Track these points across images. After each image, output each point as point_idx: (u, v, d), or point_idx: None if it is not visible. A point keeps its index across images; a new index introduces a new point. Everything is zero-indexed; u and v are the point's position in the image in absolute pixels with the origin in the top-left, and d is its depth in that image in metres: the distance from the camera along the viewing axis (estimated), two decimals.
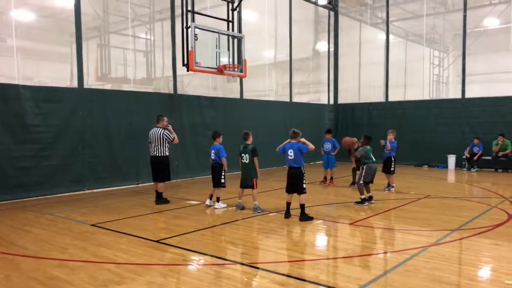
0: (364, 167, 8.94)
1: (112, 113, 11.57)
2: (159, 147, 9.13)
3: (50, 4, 11.65)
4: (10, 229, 7.11)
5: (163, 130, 9.14)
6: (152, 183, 9.81)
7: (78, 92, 10.95)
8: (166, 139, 9.13)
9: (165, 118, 9.36)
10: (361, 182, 8.90)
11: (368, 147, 9.11)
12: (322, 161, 12.35)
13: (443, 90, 19.19)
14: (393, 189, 10.75)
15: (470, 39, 16.34)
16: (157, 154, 9.14)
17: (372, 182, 9.09)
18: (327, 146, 11.98)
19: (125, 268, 5.08)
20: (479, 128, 15.88)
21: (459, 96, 16.72)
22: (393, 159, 10.82)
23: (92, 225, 7.34)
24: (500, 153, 14.98)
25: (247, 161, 8.27)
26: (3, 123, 9.56)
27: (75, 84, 11.06)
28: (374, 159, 9.04)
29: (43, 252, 5.76)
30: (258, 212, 8.13)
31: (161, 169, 9.17)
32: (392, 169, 10.78)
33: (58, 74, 11.69)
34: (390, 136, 10.88)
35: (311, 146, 7.48)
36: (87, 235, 6.64)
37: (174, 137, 9.24)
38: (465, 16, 16.28)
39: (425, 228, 6.99)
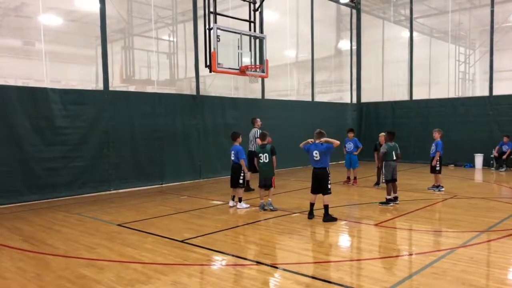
0: (384, 165, 8.89)
1: (136, 115, 11.77)
2: (253, 143, 10.88)
3: (77, 8, 11.93)
4: (41, 228, 7.33)
5: (257, 129, 10.95)
6: (176, 183, 10.84)
7: (103, 94, 11.19)
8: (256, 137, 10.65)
9: (258, 119, 11.27)
10: (383, 181, 8.84)
11: (392, 143, 8.99)
12: (344, 161, 12.23)
13: (469, 88, 18.73)
14: (443, 189, 10.48)
15: (498, 34, 15.89)
16: (253, 150, 10.70)
17: (395, 180, 8.95)
18: (349, 145, 11.85)
19: (151, 268, 5.17)
20: (508, 126, 15.42)
21: (486, 93, 16.29)
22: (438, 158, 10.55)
23: (119, 225, 7.49)
24: None
25: (267, 160, 8.32)
26: (33, 125, 9.85)
27: (100, 86, 11.30)
28: (394, 157, 8.92)
29: (72, 251, 5.91)
30: (271, 209, 8.21)
31: (251, 162, 10.30)
32: (437, 168, 10.53)
33: (84, 77, 11.99)
34: (436, 135, 10.64)
35: (335, 142, 7.45)
36: (114, 235, 6.78)
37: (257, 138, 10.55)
38: (492, 11, 15.84)
39: (452, 229, 6.85)
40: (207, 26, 10.77)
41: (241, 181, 8.80)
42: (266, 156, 8.33)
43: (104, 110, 11.11)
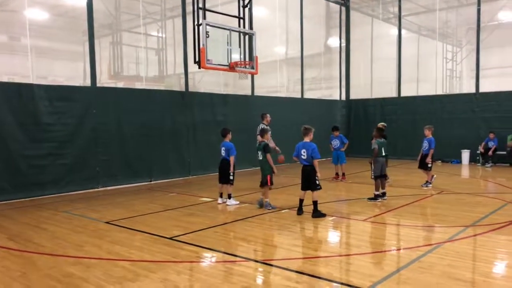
0: (373, 161, 8.96)
1: (124, 111, 11.65)
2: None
3: (63, 2, 11.77)
4: (27, 226, 7.24)
5: (261, 125, 10.44)
6: (165, 180, 11.14)
7: (91, 90, 11.06)
8: None
9: (268, 115, 10.73)
10: (372, 177, 8.90)
11: (381, 140, 9.04)
12: (331, 158, 12.29)
13: (457, 85, 18.93)
14: (430, 185, 10.57)
15: (484, 33, 16.08)
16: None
17: (385, 176, 9.03)
18: (335, 142, 11.93)
19: (139, 265, 5.14)
20: (494, 122, 15.64)
21: (473, 90, 16.50)
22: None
23: (107, 222, 7.43)
24: None
25: (261, 158, 8.35)
26: (19, 122, 9.69)
27: (88, 82, 11.17)
28: (384, 153, 8.99)
29: (59, 249, 5.84)
30: (268, 209, 8.16)
31: None
32: (429, 165, 10.59)
33: (71, 73, 11.84)
34: (427, 132, 10.75)
35: (317, 171, 7.48)
36: (102, 233, 6.72)
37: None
38: (479, 10, 16.02)
39: (439, 224, 6.93)
40: (196, 22, 10.73)
41: (231, 178, 8.79)
42: (260, 153, 8.39)
43: (92, 106, 10.98)
